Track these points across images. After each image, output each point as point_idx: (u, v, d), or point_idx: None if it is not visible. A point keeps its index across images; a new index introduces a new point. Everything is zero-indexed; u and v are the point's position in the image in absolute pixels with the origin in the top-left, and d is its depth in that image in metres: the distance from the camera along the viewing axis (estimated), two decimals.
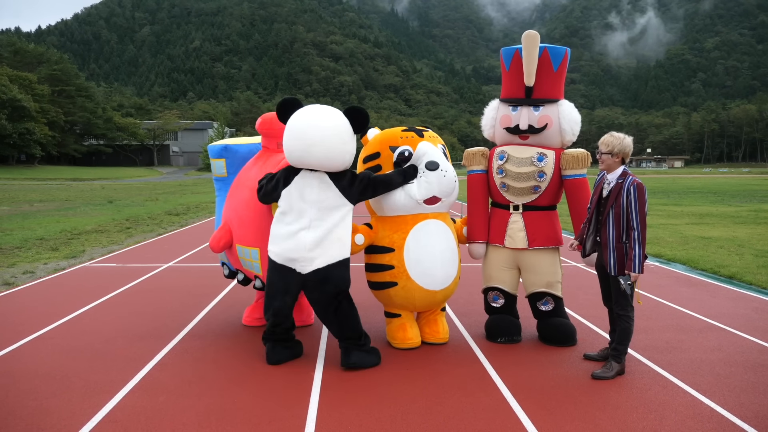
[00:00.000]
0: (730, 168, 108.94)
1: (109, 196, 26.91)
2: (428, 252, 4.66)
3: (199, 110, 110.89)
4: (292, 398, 3.80)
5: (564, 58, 4.86)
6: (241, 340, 5.07)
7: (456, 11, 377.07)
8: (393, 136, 4.82)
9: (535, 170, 4.74)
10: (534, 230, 4.83)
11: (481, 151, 5.08)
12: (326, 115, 4.24)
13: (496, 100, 5.16)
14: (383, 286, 4.80)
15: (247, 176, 5.05)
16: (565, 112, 4.85)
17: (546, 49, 4.71)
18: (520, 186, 4.80)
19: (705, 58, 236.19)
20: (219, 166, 5.36)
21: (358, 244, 4.71)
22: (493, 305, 5.10)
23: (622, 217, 4.04)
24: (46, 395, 3.83)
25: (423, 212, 4.71)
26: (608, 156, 4.14)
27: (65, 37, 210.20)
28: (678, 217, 16.50)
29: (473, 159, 5.07)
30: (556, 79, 4.88)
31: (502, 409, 3.64)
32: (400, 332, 4.88)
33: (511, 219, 4.90)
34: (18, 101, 61.27)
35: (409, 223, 4.71)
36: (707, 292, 7.11)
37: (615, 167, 4.16)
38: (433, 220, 4.73)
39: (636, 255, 3.97)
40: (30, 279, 7.75)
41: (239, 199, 4.99)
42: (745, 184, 40.95)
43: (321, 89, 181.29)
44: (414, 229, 4.68)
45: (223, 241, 5.00)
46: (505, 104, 4.98)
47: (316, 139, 4.13)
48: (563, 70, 4.92)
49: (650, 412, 3.60)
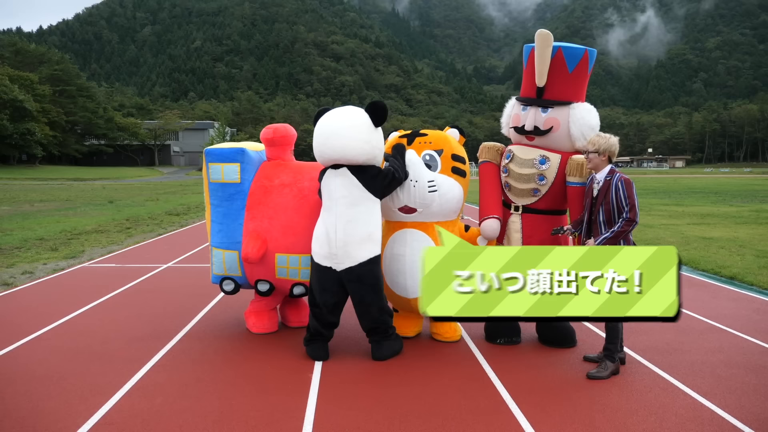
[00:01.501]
0: (731, 168, 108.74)
1: (110, 196, 26.89)
2: (398, 261, 4.74)
3: (200, 110, 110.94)
4: (289, 400, 3.78)
5: (582, 60, 4.65)
6: (240, 342, 5.05)
7: (457, 11, 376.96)
8: (392, 143, 4.89)
9: (535, 173, 4.69)
10: (530, 233, 4.78)
11: (496, 147, 5.11)
12: (343, 110, 4.44)
13: (513, 98, 5.09)
14: None
15: (281, 182, 4.96)
16: (577, 116, 4.67)
17: (560, 50, 4.55)
18: (521, 187, 4.77)
19: (706, 57, 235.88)
20: (231, 170, 4.93)
21: None
22: None
23: (612, 212, 4.11)
24: (42, 397, 3.81)
25: (402, 220, 4.77)
26: (595, 155, 4.21)
27: (66, 37, 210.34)
28: (679, 218, 16.46)
29: (486, 153, 5.09)
30: (572, 81, 4.69)
31: (501, 410, 3.61)
32: (397, 321, 5.01)
33: (510, 219, 4.90)
34: (19, 101, 61.28)
35: (390, 229, 4.85)
36: (708, 292, 7.08)
37: (602, 166, 4.23)
38: (411, 230, 4.74)
39: (615, 231, 4.01)
40: (29, 279, 7.73)
41: (281, 206, 4.87)
42: (747, 184, 40.86)
43: (322, 89, 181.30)
44: (392, 237, 4.81)
45: (263, 250, 4.79)
46: (519, 103, 4.92)
47: (332, 130, 4.31)
48: (582, 72, 4.71)
49: (650, 414, 3.57)
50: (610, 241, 4.04)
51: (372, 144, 4.36)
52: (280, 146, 5.16)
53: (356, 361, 4.55)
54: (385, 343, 4.54)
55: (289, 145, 5.26)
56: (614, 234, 4.04)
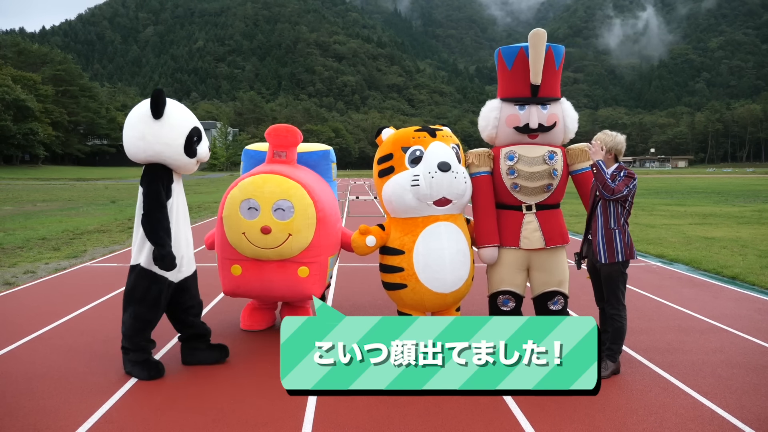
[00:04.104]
0: (734, 168, 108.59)
1: (112, 195, 26.94)
2: (438, 255, 4.63)
3: (202, 110, 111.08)
4: (289, 399, 3.77)
5: (563, 57, 4.93)
6: (239, 341, 5.05)
7: (459, 11, 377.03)
8: (405, 137, 4.76)
9: (548, 168, 4.69)
10: (549, 229, 4.77)
11: (487, 152, 4.95)
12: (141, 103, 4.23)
13: (495, 101, 5.03)
14: (394, 287, 4.81)
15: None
16: (568, 110, 4.90)
17: (550, 48, 4.72)
18: (534, 185, 4.73)
19: (709, 57, 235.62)
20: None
21: (369, 246, 4.75)
22: (503, 309, 4.91)
23: (609, 203, 4.12)
24: (44, 395, 3.82)
25: (434, 214, 4.67)
26: (602, 153, 4.22)
27: (69, 38, 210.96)
28: (681, 218, 16.43)
29: (480, 160, 4.90)
30: (558, 77, 4.94)
31: (501, 410, 3.61)
32: None
33: (525, 220, 4.78)
34: (22, 101, 61.49)
35: (419, 225, 4.68)
36: (710, 292, 7.07)
37: (609, 164, 4.24)
38: (444, 223, 4.69)
39: (602, 175, 4.04)
40: (31, 279, 7.75)
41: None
42: (749, 184, 40.79)
43: (324, 89, 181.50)
44: (424, 232, 4.66)
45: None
46: (510, 103, 4.88)
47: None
48: (561, 68, 4.98)
49: (650, 414, 3.57)
50: (598, 174, 4.09)
51: (148, 140, 3.99)
52: (284, 147, 5.12)
53: None
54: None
55: (293, 145, 5.22)
56: (602, 174, 4.06)
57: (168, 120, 4.04)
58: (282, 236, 4.43)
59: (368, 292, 6.84)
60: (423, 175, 4.53)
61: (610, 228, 4.13)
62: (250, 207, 4.44)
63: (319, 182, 5.05)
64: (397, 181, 4.64)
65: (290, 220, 4.43)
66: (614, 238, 4.11)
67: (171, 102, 4.16)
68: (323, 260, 4.77)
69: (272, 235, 4.40)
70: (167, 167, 4.17)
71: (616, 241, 4.11)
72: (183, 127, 4.12)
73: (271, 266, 4.63)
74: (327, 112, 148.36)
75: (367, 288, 7.02)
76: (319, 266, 4.73)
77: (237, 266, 4.69)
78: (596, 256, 4.19)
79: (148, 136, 3.99)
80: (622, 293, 4.19)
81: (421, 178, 4.52)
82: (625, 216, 4.17)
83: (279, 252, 4.50)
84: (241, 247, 4.55)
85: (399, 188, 4.61)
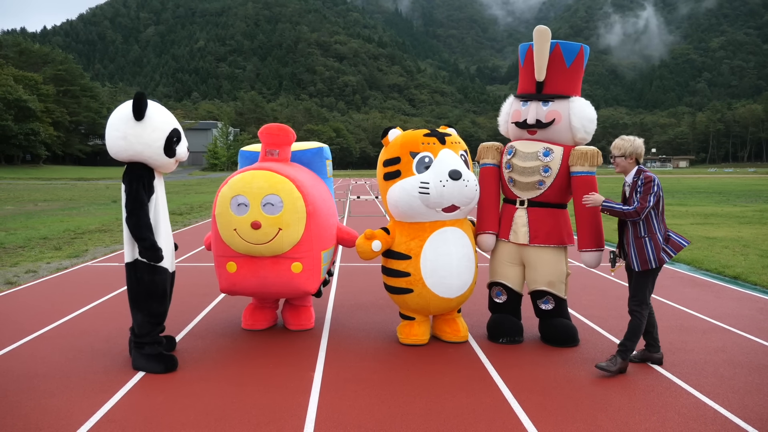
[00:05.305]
0: (735, 168, 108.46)
1: (114, 195, 26.95)
2: (445, 261, 4.65)
3: (203, 110, 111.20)
4: (291, 398, 3.78)
5: (578, 55, 4.87)
6: (242, 341, 5.05)
7: (460, 11, 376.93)
8: (414, 141, 4.68)
9: (539, 165, 4.73)
10: (537, 227, 4.81)
11: (495, 146, 5.14)
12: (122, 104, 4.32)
13: (511, 96, 5.21)
14: (399, 291, 4.81)
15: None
16: (576, 109, 4.82)
17: (558, 45, 4.74)
18: (526, 180, 4.80)
19: (710, 57, 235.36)
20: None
21: (375, 251, 4.76)
22: (495, 300, 5.08)
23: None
24: (45, 394, 3.82)
25: (441, 220, 4.69)
26: (622, 159, 4.26)
27: (70, 38, 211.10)
28: (683, 217, 16.42)
29: (486, 153, 5.11)
30: (570, 75, 4.88)
31: (503, 409, 3.61)
32: (406, 328, 4.93)
33: (516, 214, 4.90)
34: (23, 101, 61.54)
35: (426, 230, 4.69)
36: (711, 292, 7.06)
37: (630, 168, 4.28)
38: (451, 228, 4.71)
39: (617, 209, 4.16)
40: (32, 278, 7.76)
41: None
42: (751, 184, 40.74)
43: (325, 89, 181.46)
44: (431, 237, 4.67)
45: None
46: (518, 100, 5.04)
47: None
48: (578, 67, 4.92)
49: (653, 413, 3.56)
50: (614, 213, 4.19)
51: (129, 140, 4.10)
52: (277, 146, 5.12)
53: (358, 359, 4.55)
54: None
55: (286, 143, 5.21)
56: (616, 210, 4.16)
57: (149, 122, 4.15)
58: (272, 231, 4.46)
59: (370, 291, 6.84)
60: (433, 183, 4.50)
61: (640, 237, 4.16)
62: (239, 203, 4.48)
63: (310, 178, 5.07)
64: (404, 186, 4.61)
65: (279, 215, 4.46)
66: (645, 246, 4.14)
67: (152, 104, 4.25)
68: (316, 255, 4.79)
69: (262, 230, 4.44)
70: (148, 166, 4.27)
71: (647, 249, 4.13)
72: (163, 129, 4.23)
73: (265, 262, 4.66)
74: (328, 112, 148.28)
75: (369, 287, 7.02)
76: (311, 261, 4.75)
77: (232, 263, 4.71)
78: (630, 264, 4.22)
79: (129, 137, 4.11)
80: (649, 291, 4.22)
81: (431, 186, 4.49)
82: (658, 219, 4.17)
83: (270, 247, 4.53)
84: (234, 244, 4.58)
85: (406, 194, 4.59)
